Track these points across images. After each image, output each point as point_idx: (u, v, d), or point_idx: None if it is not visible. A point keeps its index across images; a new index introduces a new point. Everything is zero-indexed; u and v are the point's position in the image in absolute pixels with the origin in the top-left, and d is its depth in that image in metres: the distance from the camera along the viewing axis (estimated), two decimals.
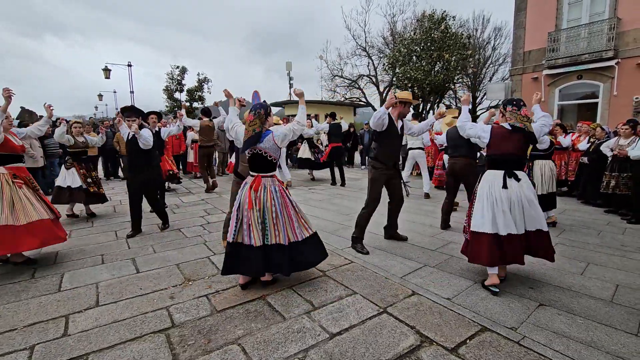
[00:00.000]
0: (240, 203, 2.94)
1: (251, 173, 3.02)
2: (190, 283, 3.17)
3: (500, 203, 2.91)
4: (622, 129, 5.70)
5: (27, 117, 10.64)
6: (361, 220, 4.05)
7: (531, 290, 2.98)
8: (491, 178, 3.04)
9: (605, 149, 6.01)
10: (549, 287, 3.05)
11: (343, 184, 8.94)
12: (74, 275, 3.39)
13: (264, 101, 3.93)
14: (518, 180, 2.97)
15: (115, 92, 30.44)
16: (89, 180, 5.57)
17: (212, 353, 2.16)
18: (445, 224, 4.95)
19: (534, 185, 3.84)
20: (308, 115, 6.52)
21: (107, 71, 20.03)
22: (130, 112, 4.62)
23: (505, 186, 2.93)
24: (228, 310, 2.68)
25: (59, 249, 4.14)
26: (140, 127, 4.48)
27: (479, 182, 3.17)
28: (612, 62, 11.33)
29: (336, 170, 9.06)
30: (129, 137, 4.45)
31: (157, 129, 5.63)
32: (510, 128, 2.98)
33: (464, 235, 3.31)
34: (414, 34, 17.99)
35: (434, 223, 5.14)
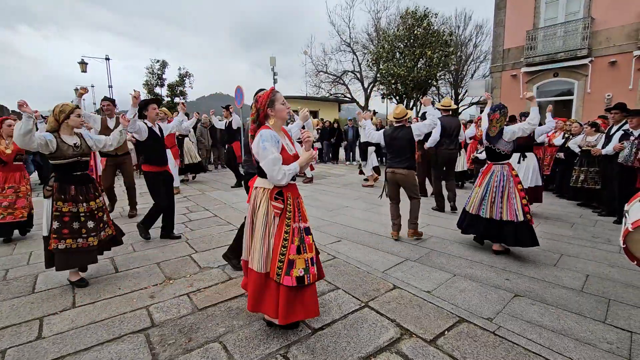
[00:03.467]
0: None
1: None
2: (171, 282, 3.13)
3: None
4: (587, 128, 6.26)
5: None
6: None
7: (507, 282, 3.08)
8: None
9: (573, 145, 6.40)
10: (525, 278, 3.16)
11: (238, 185, 8.20)
12: (49, 276, 3.28)
13: None
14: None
15: (93, 86, 29.41)
16: None
17: (192, 352, 2.14)
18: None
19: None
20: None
21: (83, 64, 19.30)
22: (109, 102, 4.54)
23: None
24: (209, 309, 2.66)
25: (33, 249, 4.00)
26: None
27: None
28: (586, 61, 11.75)
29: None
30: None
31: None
32: None
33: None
34: (397, 30, 18.12)
35: None
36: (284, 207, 2.17)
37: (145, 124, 3.98)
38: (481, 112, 26.62)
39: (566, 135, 7.07)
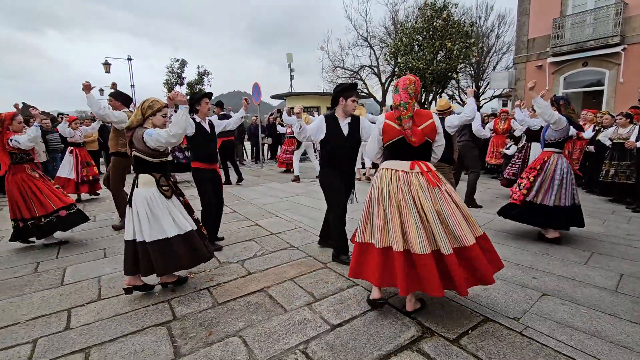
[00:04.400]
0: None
1: None
2: (191, 276, 3.17)
3: None
4: (619, 119, 5.86)
5: (28, 112, 10.60)
6: None
7: (534, 280, 2.95)
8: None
9: (604, 138, 6.07)
10: (553, 276, 3.03)
11: (240, 180, 8.23)
12: (77, 269, 3.41)
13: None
14: None
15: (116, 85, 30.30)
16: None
17: (213, 345, 2.16)
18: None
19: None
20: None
21: (107, 65, 19.92)
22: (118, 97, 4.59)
23: None
24: (229, 303, 2.68)
25: (61, 243, 4.16)
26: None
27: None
28: (618, 49, 11.12)
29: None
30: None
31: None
32: None
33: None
34: (416, 22, 17.70)
35: None
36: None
37: (194, 119, 3.71)
38: (504, 105, 25.78)
39: (596, 128, 6.73)
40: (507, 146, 7.70)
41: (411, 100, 2.35)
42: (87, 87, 4.10)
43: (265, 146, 13.86)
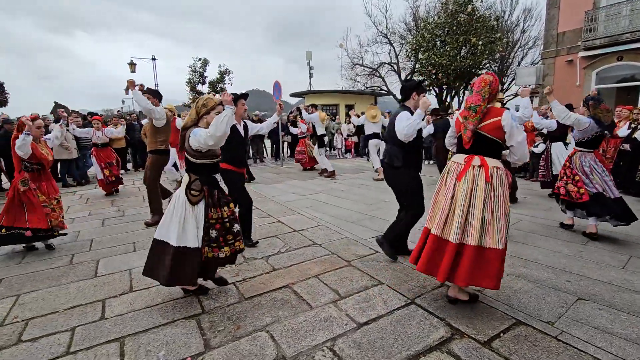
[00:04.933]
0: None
1: None
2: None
3: None
4: None
5: (58, 113, 11.09)
6: None
7: (568, 284, 2.84)
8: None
9: None
10: (588, 280, 2.90)
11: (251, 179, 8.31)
12: (109, 261, 3.54)
13: None
14: None
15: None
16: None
17: (241, 339, 2.19)
18: None
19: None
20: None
21: (132, 65, 20.55)
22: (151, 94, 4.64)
23: None
24: (255, 298, 2.71)
25: (93, 237, 4.34)
26: None
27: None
28: None
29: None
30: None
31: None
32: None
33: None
34: (438, 18, 17.31)
35: None
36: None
37: None
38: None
39: (632, 126, 6.38)
40: (536, 144, 7.44)
41: (483, 103, 2.40)
42: (131, 84, 4.20)
43: (285, 144, 13.94)
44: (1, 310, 2.63)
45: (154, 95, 4.77)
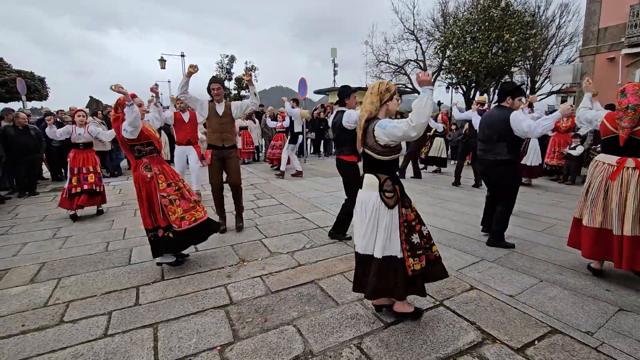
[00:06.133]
0: None
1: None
2: (245, 263, 3.29)
3: None
4: None
5: (95, 105, 11.63)
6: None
7: (608, 293, 2.69)
8: None
9: None
10: (630, 290, 2.74)
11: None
12: (141, 250, 3.68)
13: None
14: None
15: (169, 81, 32.24)
16: None
17: (269, 332, 2.22)
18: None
19: None
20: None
21: (162, 61, 21.22)
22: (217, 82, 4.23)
23: None
24: (282, 292, 2.74)
25: (126, 226, 4.53)
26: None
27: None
28: None
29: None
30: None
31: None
32: None
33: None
34: (470, 13, 16.78)
35: None
36: None
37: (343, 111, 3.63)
38: (562, 102, 23.68)
39: None
40: (573, 146, 7.09)
41: None
42: (190, 73, 3.87)
43: (309, 140, 13.97)
44: (45, 292, 2.80)
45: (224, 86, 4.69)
